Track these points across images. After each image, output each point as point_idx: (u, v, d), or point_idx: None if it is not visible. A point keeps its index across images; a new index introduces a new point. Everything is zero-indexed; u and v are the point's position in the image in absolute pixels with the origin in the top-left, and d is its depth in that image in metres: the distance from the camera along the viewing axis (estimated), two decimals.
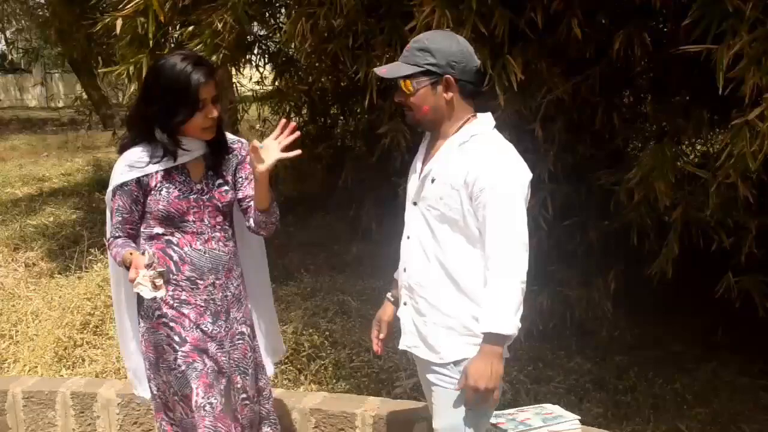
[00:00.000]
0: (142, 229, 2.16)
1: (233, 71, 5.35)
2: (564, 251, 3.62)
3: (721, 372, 3.41)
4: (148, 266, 1.96)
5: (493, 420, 2.16)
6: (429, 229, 1.90)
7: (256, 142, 2.04)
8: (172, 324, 2.14)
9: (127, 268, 2.03)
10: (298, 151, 2.05)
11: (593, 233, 3.50)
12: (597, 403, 3.11)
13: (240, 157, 2.24)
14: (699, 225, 3.02)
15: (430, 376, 1.95)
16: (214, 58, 3.58)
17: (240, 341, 2.26)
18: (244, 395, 2.26)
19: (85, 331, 3.74)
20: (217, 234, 2.18)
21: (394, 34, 3.20)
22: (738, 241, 3.02)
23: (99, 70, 7.17)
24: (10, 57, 19.19)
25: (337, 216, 5.28)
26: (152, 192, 2.11)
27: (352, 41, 3.37)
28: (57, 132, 12.81)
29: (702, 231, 3.05)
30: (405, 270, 2.00)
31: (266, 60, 5.12)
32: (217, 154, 2.19)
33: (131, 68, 3.85)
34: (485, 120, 1.92)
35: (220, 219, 2.19)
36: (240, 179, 2.24)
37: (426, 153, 1.98)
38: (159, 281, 1.96)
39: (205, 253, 2.15)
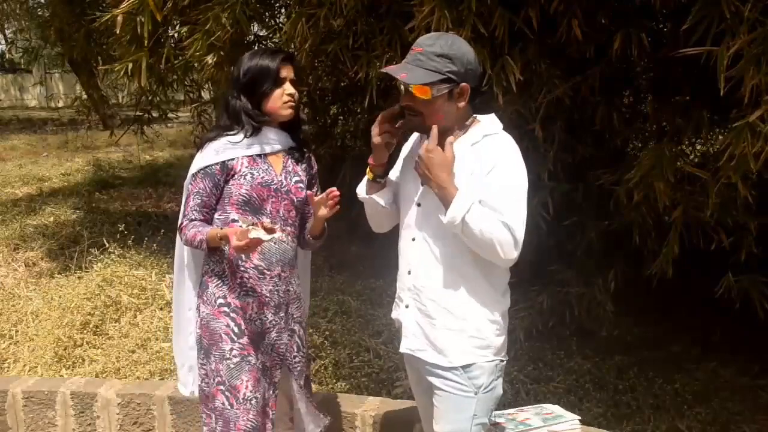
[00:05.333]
0: (216, 216, 2.20)
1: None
2: (564, 251, 3.62)
3: (721, 372, 3.42)
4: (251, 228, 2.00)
5: (493, 420, 2.16)
6: (438, 230, 1.86)
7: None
8: (233, 315, 2.17)
9: (211, 249, 2.13)
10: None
11: (593, 233, 3.50)
12: (597, 403, 3.11)
13: (314, 169, 2.38)
14: (699, 225, 3.02)
15: (435, 380, 1.92)
16: (209, 58, 3.58)
17: (289, 338, 2.27)
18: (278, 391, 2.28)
19: (85, 331, 3.74)
20: (288, 228, 2.23)
21: (394, 34, 3.19)
22: (738, 241, 3.02)
23: (99, 68, 7.17)
24: (8, 56, 19.20)
25: (336, 216, 5.26)
26: (236, 176, 2.17)
27: (352, 41, 3.37)
28: (57, 132, 12.83)
29: (702, 231, 3.06)
30: (410, 272, 1.95)
31: None
32: (297, 151, 2.29)
33: (130, 66, 3.85)
34: (493, 121, 1.91)
35: (293, 214, 2.26)
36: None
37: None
38: (269, 225, 2.03)
39: (275, 243, 2.17)
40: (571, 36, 2.93)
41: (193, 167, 2.21)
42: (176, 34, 4.25)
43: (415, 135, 2.03)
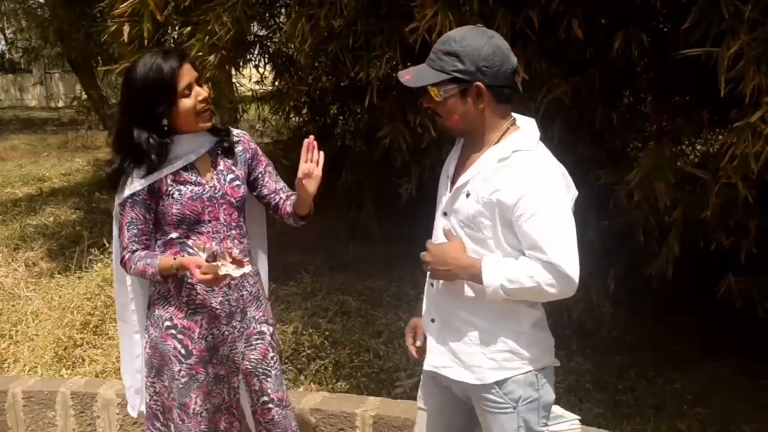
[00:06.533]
0: (156, 237, 2.10)
1: (232, 71, 5.34)
2: None
3: (721, 372, 3.41)
4: (212, 259, 1.91)
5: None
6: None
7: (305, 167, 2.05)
8: (180, 336, 2.10)
9: (165, 278, 2.01)
10: (321, 158, 2.10)
11: (593, 233, 3.49)
12: (597, 403, 3.11)
13: (250, 150, 2.19)
14: (699, 225, 3.02)
15: (471, 399, 1.83)
16: (211, 58, 3.58)
17: (259, 341, 2.21)
18: (265, 398, 2.21)
19: (85, 331, 3.74)
20: (233, 232, 2.11)
21: (394, 35, 3.20)
22: (738, 241, 3.02)
23: (99, 68, 7.16)
24: (8, 56, 19.19)
25: (337, 216, 5.28)
26: (164, 196, 2.02)
27: (352, 41, 3.37)
28: (57, 132, 12.80)
29: (702, 231, 3.05)
30: (433, 285, 1.85)
31: (266, 60, 5.12)
32: (223, 146, 2.12)
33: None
34: (528, 131, 1.74)
35: (235, 216, 2.12)
36: (259, 175, 2.21)
37: (459, 159, 1.82)
38: (239, 257, 1.95)
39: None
40: (571, 36, 2.93)
41: (119, 195, 2.03)
42: (176, 35, 4.25)
43: (458, 142, 1.88)
